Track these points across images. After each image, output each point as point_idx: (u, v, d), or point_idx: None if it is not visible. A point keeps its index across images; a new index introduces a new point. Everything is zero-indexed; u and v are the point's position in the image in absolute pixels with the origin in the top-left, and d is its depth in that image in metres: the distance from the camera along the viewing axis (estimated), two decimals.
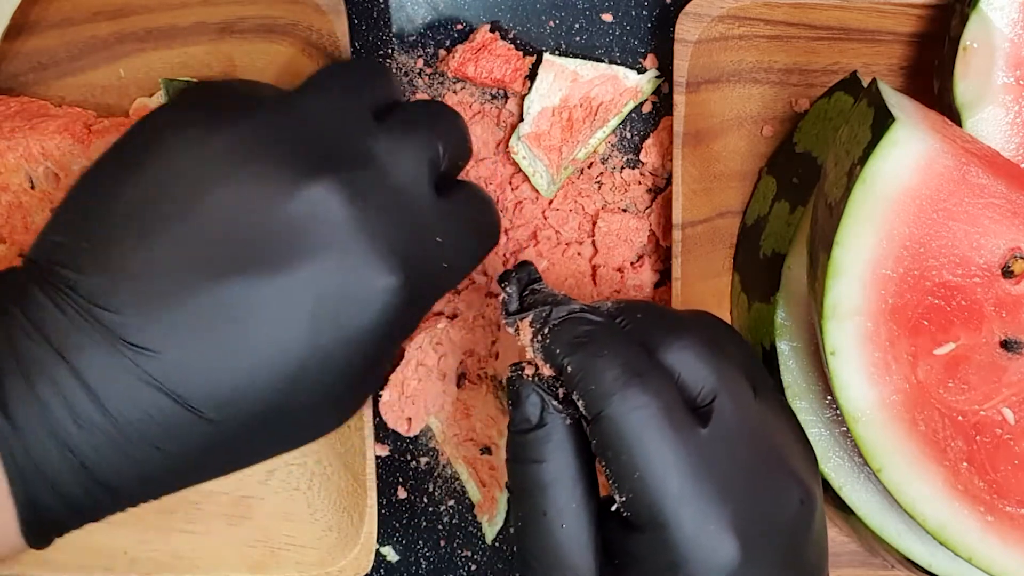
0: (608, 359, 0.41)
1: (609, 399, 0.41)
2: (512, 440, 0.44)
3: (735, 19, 0.58)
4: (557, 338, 0.43)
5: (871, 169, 0.46)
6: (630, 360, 0.42)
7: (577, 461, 0.43)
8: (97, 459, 0.39)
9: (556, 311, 0.44)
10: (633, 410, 0.40)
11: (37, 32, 0.59)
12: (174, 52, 0.59)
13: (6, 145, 0.56)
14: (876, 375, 0.48)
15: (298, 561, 0.61)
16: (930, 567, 0.54)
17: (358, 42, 0.62)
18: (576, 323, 0.43)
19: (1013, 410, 0.48)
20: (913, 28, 0.58)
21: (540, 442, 0.43)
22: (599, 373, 0.41)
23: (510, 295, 0.45)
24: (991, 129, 0.52)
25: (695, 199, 0.60)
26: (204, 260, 0.39)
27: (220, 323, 0.39)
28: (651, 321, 0.44)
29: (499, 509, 0.65)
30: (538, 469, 0.42)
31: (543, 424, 0.43)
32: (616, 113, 0.61)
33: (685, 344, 0.43)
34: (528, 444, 0.43)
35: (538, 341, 0.43)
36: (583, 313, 0.44)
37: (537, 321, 0.44)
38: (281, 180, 0.40)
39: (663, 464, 0.40)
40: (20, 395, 0.38)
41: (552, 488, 0.42)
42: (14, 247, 0.58)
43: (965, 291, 0.48)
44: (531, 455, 0.43)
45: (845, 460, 0.55)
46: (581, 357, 0.42)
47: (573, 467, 0.43)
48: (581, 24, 0.62)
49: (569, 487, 0.42)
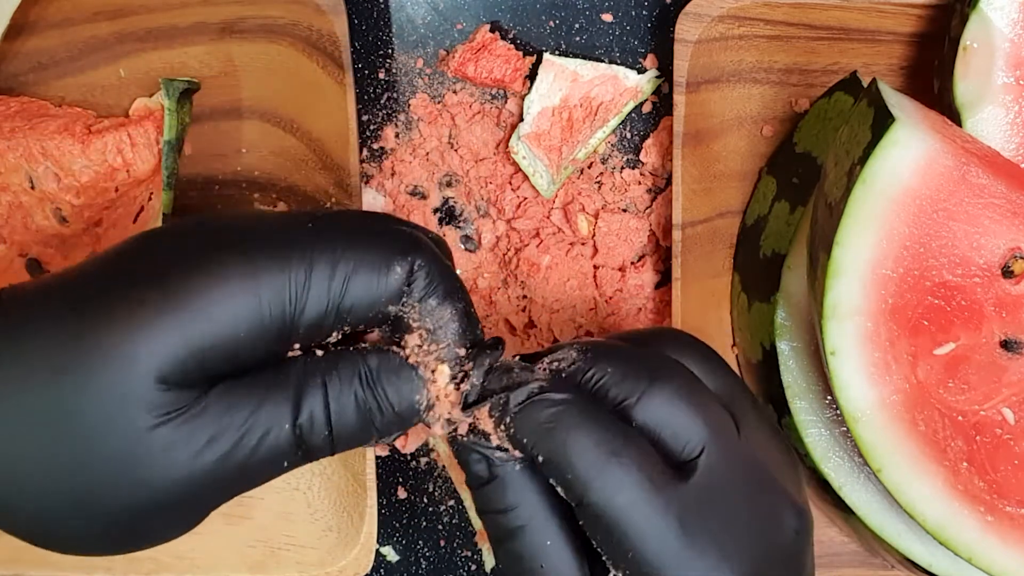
0: (579, 442, 0.40)
1: (589, 486, 0.39)
2: (473, 495, 0.43)
3: (735, 19, 0.58)
4: (522, 426, 0.40)
5: (871, 169, 0.46)
6: (603, 439, 0.40)
7: (542, 499, 0.41)
8: None
9: (514, 396, 0.41)
10: (616, 493, 0.39)
11: (37, 32, 0.59)
12: (174, 52, 0.59)
13: (6, 145, 0.56)
14: (876, 375, 0.48)
15: (298, 561, 0.61)
16: (930, 567, 0.54)
17: (358, 42, 0.62)
18: (538, 407, 0.40)
19: (1013, 410, 0.48)
20: (913, 28, 0.58)
21: (498, 493, 0.41)
22: (573, 460, 0.39)
23: (474, 385, 0.41)
24: (991, 129, 0.52)
25: (695, 199, 0.60)
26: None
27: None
28: (622, 375, 0.41)
29: None
30: (505, 517, 0.41)
31: (494, 476, 0.41)
32: (616, 113, 0.61)
33: (663, 399, 0.41)
34: (487, 496, 0.42)
35: (502, 431, 0.41)
36: (544, 394, 0.41)
37: (495, 410, 0.41)
38: None
39: (657, 538, 0.39)
40: None
41: (522, 532, 0.41)
42: (14, 247, 0.58)
43: (965, 291, 0.48)
44: (493, 506, 0.42)
45: (845, 460, 0.55)
46: (550, 445, 0.40)
47: (540, 507, 0.41)
48: (581, 24, 0.62)
49: (540, 526, 0.41)
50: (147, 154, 0.57)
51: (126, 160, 0.57)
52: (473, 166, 0.63)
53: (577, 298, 0.63)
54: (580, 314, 0.63)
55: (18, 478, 0.37)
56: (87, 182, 0.57)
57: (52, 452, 0.37)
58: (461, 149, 0.62)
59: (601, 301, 0.63)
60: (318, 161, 0.59)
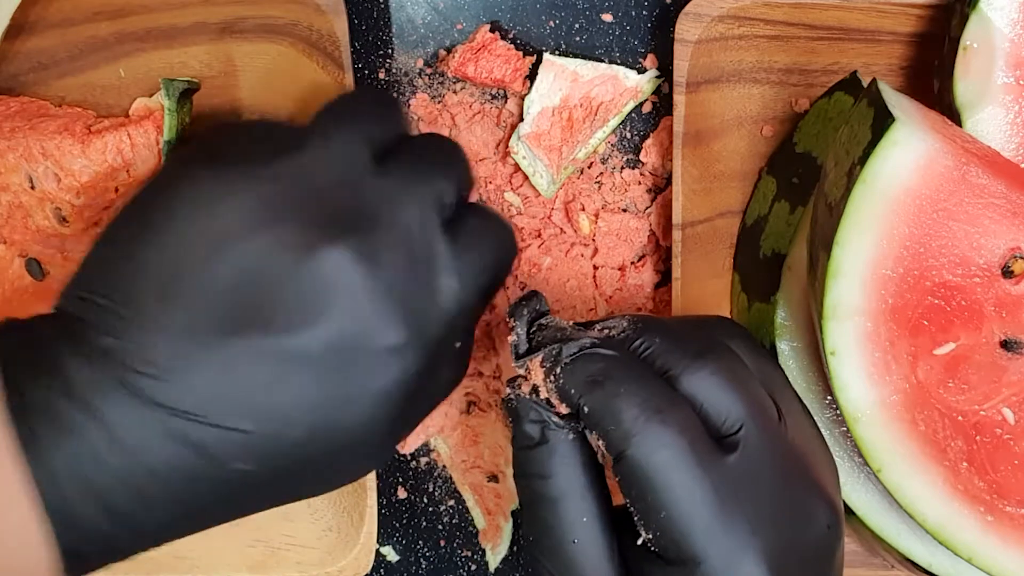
0: (626, 397, 0.40)
1: (630, 439, 0.40)
2: (516, 455, 0.43)
3: (735, 19, 0.58)
4: (571, 378, 0.41)
5: (871, 169, 0.46)
6: (650, 396, 0.40)
7: (585, 474, 0.42)
8: (129, 509, 0.40)
9: (567, 348, 0.42)
10: (656, 449, 0.40)
11: (37, 32, 0.59)
12: (174, 52, 0.59)
13: (6, 145, 0.56)
14: (876, 375, 0.48)
15: (298, 561, 0.61)
16: (930, 567, 0.54)
17: (358, 42, 0.62)
18: (589, 360, 0.41)
19: (1013, 410, 0.48)
20: (913, 28, 0.58)
21: (544, 458, 0.42)
22: (618, 413, 0.40)
23: (519, 335, 0.43)
24: (991, 129, 0.52)
25: (695, 199, 0.60)
26: (225, 321, 0.39)
27: (241, 380, 0.39)
28: (670, 346, 0.42)
29: (503, 538, 0.65)
30: (544, 484, 0.42)
31: (545, 441, 0.42)
32: (616, 113, 0.61)
33: (708, 372, 0.42)
34: (532, 460, 0.42)
35: (551, 381, 0.42)
36: (595, 348, 0.42)
37: (548, 360, 0.42)
38: (293, 246, 0.40)
39: (690, 501, 0.39)
40: (55, 447, 0.39)
41: (560, 503, 0.42)
42: (14, 247, 0.58)
43: (965, 291, 0.48)
44: (536, 470, 0.42)
45: (845, 460, 0.55)
46: (598, 397, 0.41)
47: (581, 481, 0.42)
48: (581, 24, 0.62)
49: (577, 501, 0.42)
50: (147, 154, 0.57)
51: (126, 160, 0.57)
52: (473, 166, 0.63)
53: (577, 298, 0.63)
54: (580, 314, 0.63)
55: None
56: (87, 182, 0.57)
57: None
58: None
59: (601, 301, 0.63)
60: None
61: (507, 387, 0.43)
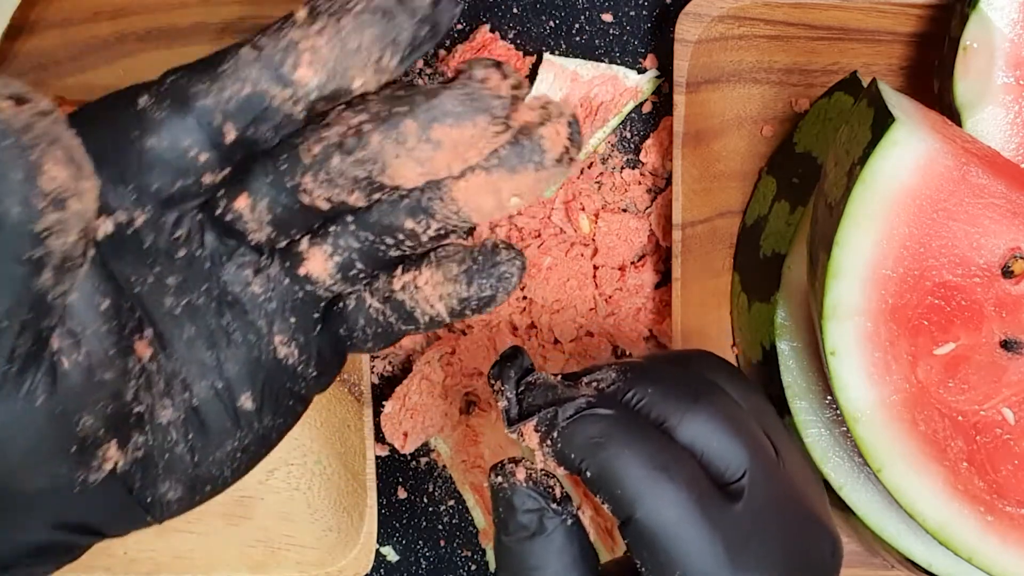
0: (629, 458, 0.39)
1: (638, 502, 0.38)
2: (506, 545, 0.41)
3: (735, 19, 0.58)
4: (570, 442, 0.39)
5: (871, 169, 0.46)
6: (653, 454, 0.39)
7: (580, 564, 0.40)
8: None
9: (563, 411, 0.40)
10: (664, 508, 0.38)
11: (37, 32, 0.59)
12: (174, 52, 0.59)
13: None
14: (876, 375, 0.48)
15: (298, 561, 0.61)
16: (930, 567, 0.54)
17: None
18: (587, 422, 0.39)
19: (1013, 410, 0.48)
20: (913, 28, 0.58)
21: (541, 549, 0.40)
22: (623, 475, 0.38)
23: (510, 400, 0.41)
24: (991, 129, 0.52)
25: (695, 199, 0.60)
26: None
27: None
28: (663, 395, 0.41)
29: None
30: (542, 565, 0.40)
31: (543, 531, 0.40)
32: (616, 113, 0.61)
33: (705, 419, 0.40)
34: (527, 551, 0.40)
35: (548, 446, 0.40)
36: (592, 409, 0.40)
37: (543, 425, 0.40)
38: None
39: (703, 557, 0.38)
40: None
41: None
42: None
43: (965, 291, 0.48)
44: (532, 563, 0.40)
45: (845, 460, 0.55)
46: (601, 461, 0.39)
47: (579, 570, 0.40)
48: (581, 24, 0.62)
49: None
50: None
51: None
52: None
53: (577, 298, 0.63)
54: (580, 314, 0.63)
55: None
56: None
57: None
58: None
59: (601, 301, 0.63)
60: None
61: (494, 473, 0.41)
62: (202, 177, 0.33)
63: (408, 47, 0.33)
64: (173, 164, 0.33)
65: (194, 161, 0.33)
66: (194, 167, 0.33)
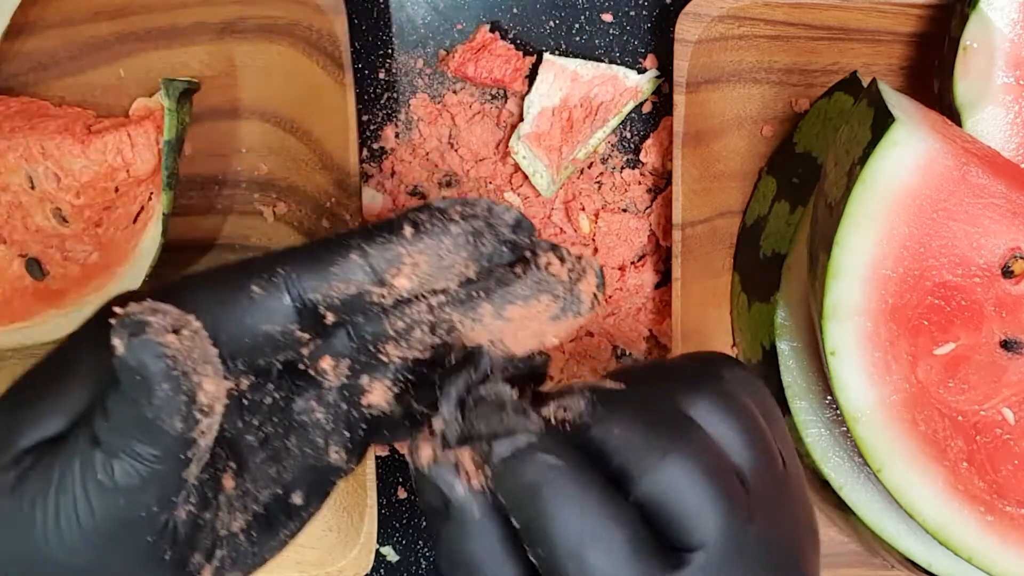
0: (562, 517, 0.35)
1: (564, 566, 0.35)
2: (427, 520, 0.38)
3: (735, 19, 0.58)
4: (502, 484, 0.36)
5: (871, 169, 0.46)
6: (590, 516, 0.35)
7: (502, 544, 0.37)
8: None
9: (498, 447, 0.35)
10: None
11: (37, 32, 0.59)
12: (174, 52, 0.59)
13: (6, 145, 0.56)
14: (876, 375, 0.48)
15: (298, 561, 0.61)
16: (930, 567, 0.54)
17: (358, 42, 0.62)
18: (524, 465, 0.35)
19: (1013, 410, 0.48)
20: (913, 28, 0.58)
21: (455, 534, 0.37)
22: (552, 535, 0.35)
23: (446, 418, 0.36)
24: (991, 129, 0.52)
25: (695, 199, 0.60)
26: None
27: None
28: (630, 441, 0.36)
29: None
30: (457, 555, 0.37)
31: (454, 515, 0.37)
32: (616, 113, 0.61)
33: (672, 478, 0.36)
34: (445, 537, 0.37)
35: (484, 475, 0.36)
36: (531, 453, 0.36)
37: (478, 455, 0.36)
38: None
39: None
40: None
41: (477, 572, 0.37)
42: (14, 247, 0.57)
43: (965, 291, 0.48)
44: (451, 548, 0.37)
45: (845, 460, 0.55)
46: (530, 513, 0.35)
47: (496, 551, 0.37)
48: (581, 24, 0.62)
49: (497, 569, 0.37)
50: (147, 154, 0.57)
51: (126, 160, 0.57)
52: (473, 166, 0.63)
53: None
54: None
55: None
56: (87, 182, 0.57)
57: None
58: (461, 149, 0.62)
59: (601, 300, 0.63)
60: (318, 161, 0.59)
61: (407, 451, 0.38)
62: (300, 348, 0.38)
63: (488, 259, 0.38)
64: (280, 343, 0.37)
65: (297, 340, 0.38)
66: (295, 343, 0.38)
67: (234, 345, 0.37)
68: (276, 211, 0.61)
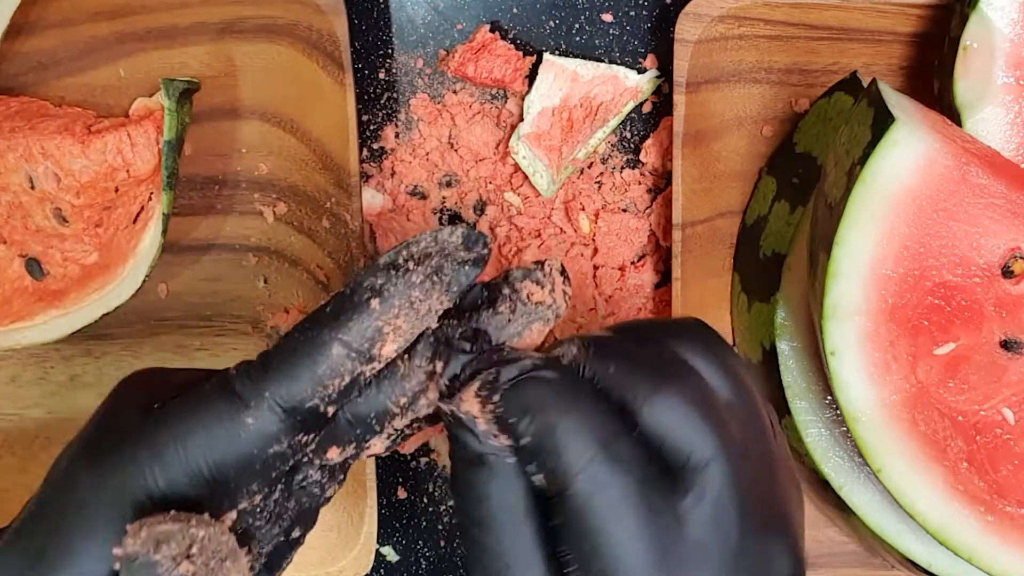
0: (571, 426, 0.36)
1: (574, 476, 0.35)
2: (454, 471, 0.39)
3: (735, 19, 0.58)
4: (510, 405, 0.36)
5: (871, 169, 0.46)
6: (598, 426, 0.36)
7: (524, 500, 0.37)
8: None
9: (505, 372, 0.37)
10: (599, 488, 0.35)
11: (37, 32, 0.59)
12: (174, 52, 0.59)
13: (6, 145, 0.56)
14: (876, 375, 0.48)
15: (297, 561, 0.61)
16: (930, 567, 0.54)
17: (358, 42, 0.62)
18: (531, 385, 0.36)
19: (1013, 410, 0.48)
20: (913, 28, 0.58)
21: (483, 478, 0.37)
22: (561, 444, 0.35)
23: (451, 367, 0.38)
24: (991, 129, 0.52)
25: (695, 199, 0.60)
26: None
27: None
28: (625, 374, 0.37)
29: None
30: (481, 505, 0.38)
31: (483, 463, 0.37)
32: (616, 113, 0.61)
33: (669, 405, 0.37)
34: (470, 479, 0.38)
35: (489, 412, 0.37)
36: (538, 371, 0.37)
37: (484, 388, 0.37)
38: None
39: (631, 556, 0.35)
40: None
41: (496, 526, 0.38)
42: (14, 247, 0.58)
43: (965, 291, 0.48)
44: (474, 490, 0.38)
45: (845, 460, 0.55)
46: (539, 427, 0.36)
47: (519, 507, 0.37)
48: (581, 24, 0.62)
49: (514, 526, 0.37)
50: (147, 154, 0.57)
51: (126, 160, 0.57)
52: (473, 166, 0.63)
53: (577, 298, 0.63)
54: (580, 314, 0.63)
55: None
56: (87, 182, 0.57)
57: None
58: (461, 149, 0.62)
59: (601, 301, 0.63)
60: (318, 161, 0.59)
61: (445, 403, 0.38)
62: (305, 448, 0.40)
63: (457, 286, 0.39)
64: (287, 456, 0.39)
65: (302, 445, 0.39)
66: (301, 448, 0.39)
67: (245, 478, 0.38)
68: (276, 211, 0.61)
